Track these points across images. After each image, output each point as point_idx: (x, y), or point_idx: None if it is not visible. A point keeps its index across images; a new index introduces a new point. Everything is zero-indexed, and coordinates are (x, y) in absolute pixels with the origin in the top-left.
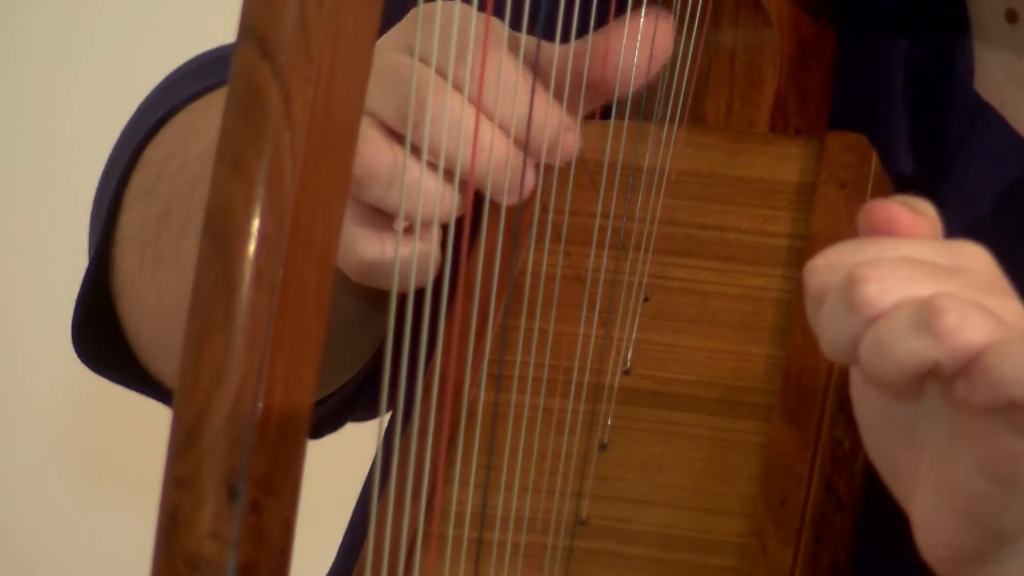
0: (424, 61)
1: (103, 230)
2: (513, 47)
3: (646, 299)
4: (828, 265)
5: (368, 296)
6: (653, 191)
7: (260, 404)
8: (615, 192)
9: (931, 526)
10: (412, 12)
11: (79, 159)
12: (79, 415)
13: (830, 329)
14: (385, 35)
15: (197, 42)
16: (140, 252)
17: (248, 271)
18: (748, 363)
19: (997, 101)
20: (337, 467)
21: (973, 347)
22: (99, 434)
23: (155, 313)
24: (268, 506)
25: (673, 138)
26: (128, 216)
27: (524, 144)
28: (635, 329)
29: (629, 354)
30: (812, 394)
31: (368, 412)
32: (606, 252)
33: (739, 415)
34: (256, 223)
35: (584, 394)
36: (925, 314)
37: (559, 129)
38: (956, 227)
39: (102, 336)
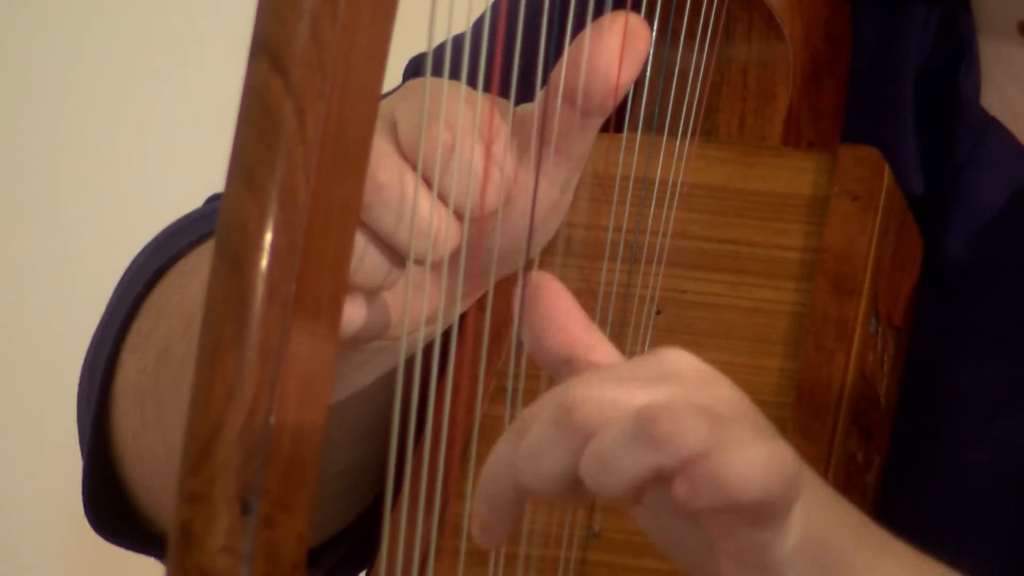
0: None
1: (100, 392)
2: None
3: (659, 312)
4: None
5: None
6: (666, 204)
7: (273, 419)
8: (627, 205)
9: None
10: (407, 84)
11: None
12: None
13: (545, 458)
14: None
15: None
16: (140, 404)
17: (261, 286)
18: (761, 376)
19: (1009, 115)
20: None
21: (689, 450)
22: None
23: (165, 462)
24: (281, 520)
25: (686, 151)
26: (125, 371)
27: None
28: (648, 342)
29: None
30: (825, 407)
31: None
32: (619, 265)
33: None
34: (269, 238)
35: None
36: (640, 424)
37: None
38: (964, 240)
39: (114, 506)
